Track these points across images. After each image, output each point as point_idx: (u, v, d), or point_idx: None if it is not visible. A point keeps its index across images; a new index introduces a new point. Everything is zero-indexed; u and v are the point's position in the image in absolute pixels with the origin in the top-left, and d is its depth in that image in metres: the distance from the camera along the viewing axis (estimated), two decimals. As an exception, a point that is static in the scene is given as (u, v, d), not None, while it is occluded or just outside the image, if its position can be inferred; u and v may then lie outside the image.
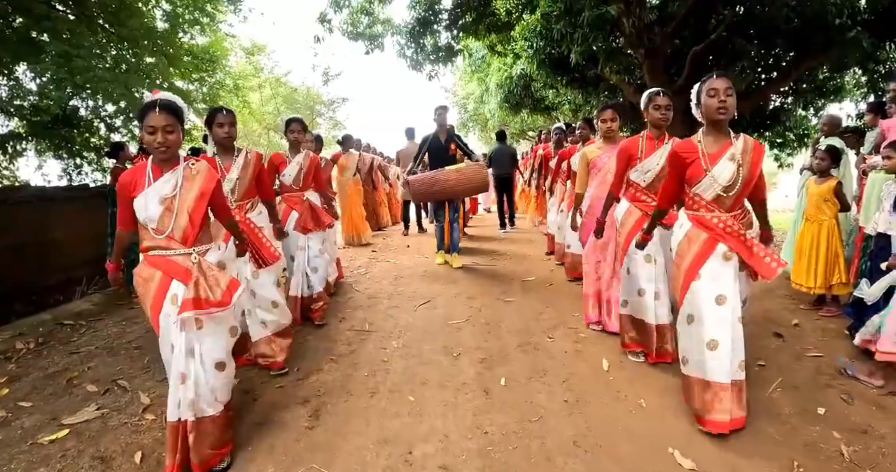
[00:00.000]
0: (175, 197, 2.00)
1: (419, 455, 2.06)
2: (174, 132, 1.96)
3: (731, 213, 2.21)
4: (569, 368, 2.85)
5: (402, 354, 3.14)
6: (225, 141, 2.85)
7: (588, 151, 3.53)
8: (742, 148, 2.15)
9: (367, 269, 5.58)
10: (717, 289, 2.16)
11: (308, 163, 3.82)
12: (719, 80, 2.12)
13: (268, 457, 2.10)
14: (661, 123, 2.84)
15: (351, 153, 7.20)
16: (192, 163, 2.11)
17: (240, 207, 2.91)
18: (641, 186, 2.90)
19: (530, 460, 2.02)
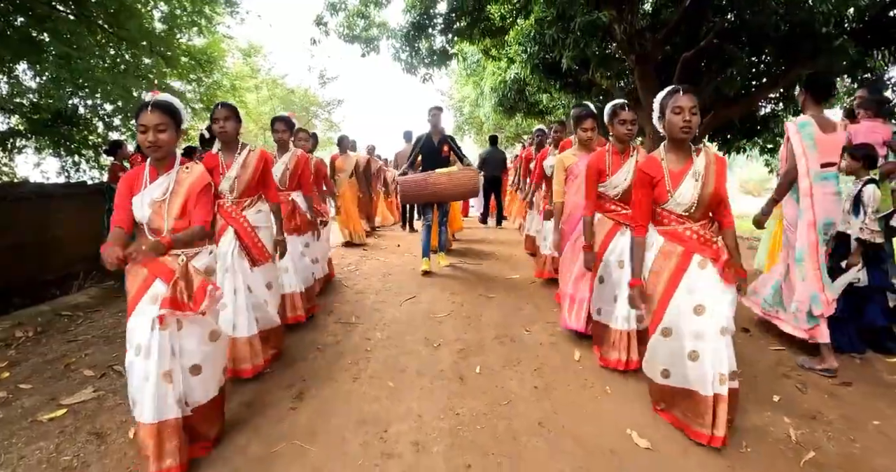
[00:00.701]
0: (164, 201, 2.03)
1: (394, 433, 2.23)
2: (166, 131, 1.98)
3: (700, 222, 2.20)
4: (542, 358, 3.02)
5: (385, 344, 3.31)
6: (221, 136, 2.86)
7: (564, 158, 3.50)
8: (704, 163, 2.16)
9: (357, 266, 5.75)
10: (694, 300, 2.14)
11: (294, 163, 3.77)
12: (685, 97, 2.09)
13: (253, 434, 2.26)
14: (626, 138, 2.86)
15: (348, 155, 7.33)
16: (188, 166, 2.12)
17: (237, 204, 2.88)
18: (611, 196, 2.92)
19: (497, 438, 2.19)
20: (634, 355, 2.77)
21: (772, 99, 9.37)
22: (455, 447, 2.11)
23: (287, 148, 3.81)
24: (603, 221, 2.95)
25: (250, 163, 2.90)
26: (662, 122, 2.20)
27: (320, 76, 13.09)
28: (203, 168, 2.16)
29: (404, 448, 2.12)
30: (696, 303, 2.13)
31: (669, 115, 2.13)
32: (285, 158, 3.77)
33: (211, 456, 2.10)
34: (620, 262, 2.84)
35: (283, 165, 3.75)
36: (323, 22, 8.87)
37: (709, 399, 2.05)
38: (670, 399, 2.27)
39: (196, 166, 2.15)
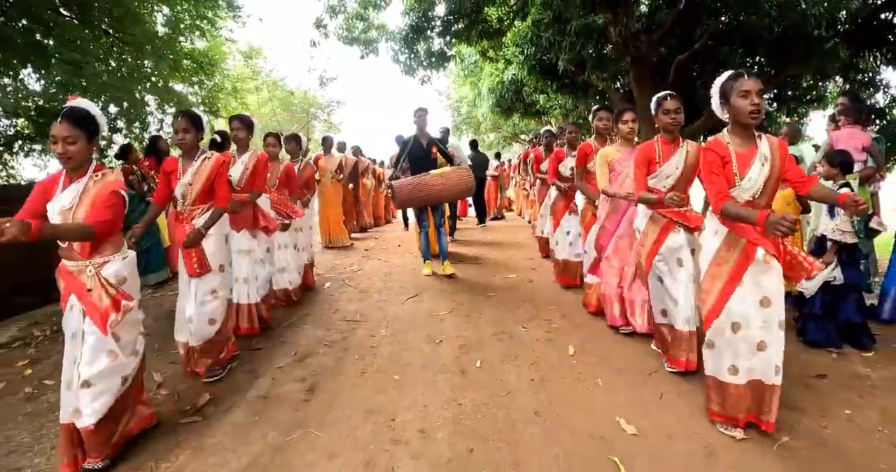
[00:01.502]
0: (71, 210, 2.03)
1: (401, 422, 2.43)
2: (76, 144, 1.98)
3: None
4: (538, 353, 3.22)
5: (390, 341, 3.51)
6: (180, 146, 2.91)
7: (608, 153, 3.48)
8: (769, 148, 2.15)
9: (360, 266, 5.95)
10: (761, 292, 2.14)
11: (254, 163, 3.70)
12: (751, 80, 2.04)
13: (269, 424, 2.45)
14: (672, 127, 2.83)
15: (332, 155, 7.48)
16: (101, 174, 2.10)
17: (189, 211, 2.91)
18: (662, 192, 2.84)
19: (496, 426, 2.38)
20: (694, 356, 2.78)
21: (765, 99, 9.56)
22: (458, 434, 2.31)
23: (247, 148, 3.77)
24: (656, 219, 2.90)
25: (204, 170, 2.89)
26: (726, 107, 2.14)
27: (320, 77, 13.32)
28: (115, 176, 2.13)
29: (411, 435, 2.31)
30: (762, 295, 2.14)
31: (736, 99, 2.08)
32: (244, 158, 3.72)
33: (232, 444, 2.29)
34: (679, 260, 2.80)
35: (242, 164, 3.69)
36: (322, 24, 9.05)
37: (770, 388, 2.18)
38: (735, 399, 2.25)
39: (109, 174, 2.12)
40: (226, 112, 8.09)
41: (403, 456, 2.16)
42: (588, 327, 3.65)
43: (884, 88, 8.76)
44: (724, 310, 2.20)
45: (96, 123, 2.09)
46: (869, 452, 2.12)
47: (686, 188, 2.90)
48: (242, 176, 3.67)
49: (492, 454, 2.16)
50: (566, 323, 3.76)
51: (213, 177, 2.89)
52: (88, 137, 2.04)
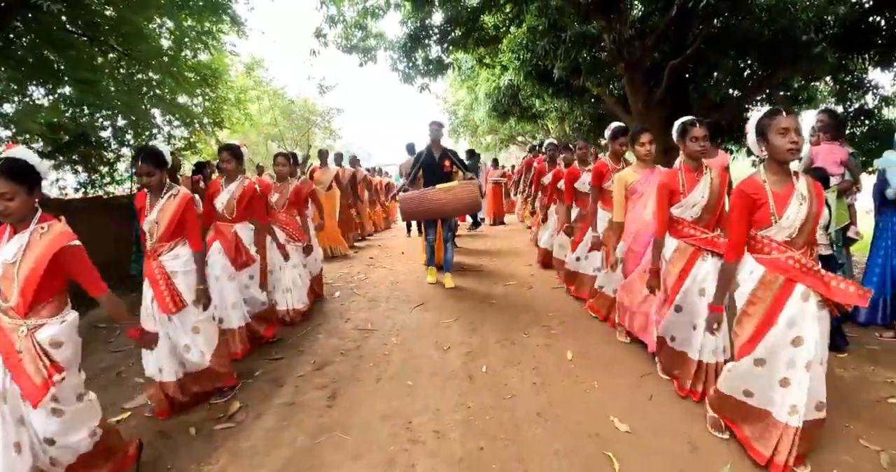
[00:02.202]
0: (14, 264, 1.89)
1: (416, 424, 2.72)
2: (14, 199, 1.85)
3: (801, 250, 2.14)
4: (539, 358, 3.51)
5: (401, 349, 3.80)
6: (146, 187, 2.87)
7: (626, 175, 3.45)
8: (806, 187, 2.12)
9: (367, 275, 6.24)
10: (794, 332, 2.11)
11: (241, 192, 3.70)
12: (789, 118, 2.02)
13: (297, 428, 2.74)
14: (699, 155, 2.79)
15: (328, 167, 7.73)
16: (45, 226, 1.95)
17: (155, 249, 2.86)
18: (687, 221, 2.85)
19: (502, 426, 2.67)
20: (702, 387, 2.80)
21: (758, 101, 9.83)
22: (468, 434, 2.60)
23: (235, 177, 3.75)
24: (682, 249, 2.86)
25: (168, 208, 2.83)
26: (763, 144, 2.11)
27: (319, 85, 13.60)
28: (62, 228, 1.98)
29: (427, 436, 2.60)
30: (794, 335, 2.11)
31: (773, 137, 2.05)
32: (231, 187, 3.72)
33: (265, 448, 2.57)
34: (702, 290, 2.75)
35: (229, 193, 3.71)
36: (322, 34, 9.31)
37: (781, 426, 2.12)
38: (743, 415, 2.31)
39: (55, 226, 1.97)
40: (229, 123, 8.34)
41: (421, 455, 2.44)
42: (584, 333, 3.94)
43: (872, 90, 8.99)
44: (757, 348, 2.18)
45: (36, 172, 1.94)
46: (835, 447, 2.40)
47: (714, 214, 2.87)
48: (229, 204, 3.70)
49: (499, 452, 2.45)
50: (564, 329, 4.06)
51: (177, 215, 2.83)
52: (29, 190, 1.89)
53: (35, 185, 1.93)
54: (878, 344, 3.60)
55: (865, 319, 3.89)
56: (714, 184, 2.82)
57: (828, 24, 7.11)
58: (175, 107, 7.24)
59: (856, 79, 8.92)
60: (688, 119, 2.84)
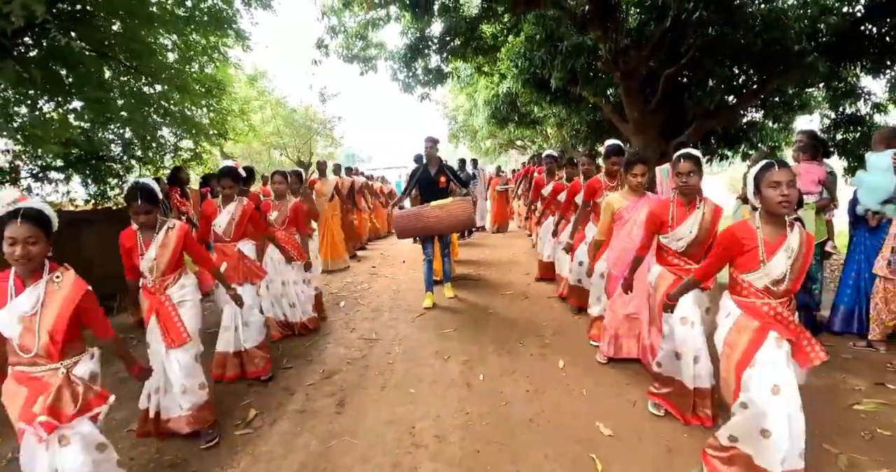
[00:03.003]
0: (35, 315, 1.95)
1: (419, 429, 3.01)
2: (37, 244, 1.91)
3: (780, 300, 2.21)
4: (532, 367, 3.81)
5: (403, 358, 4.10)
6: (141, 226, 2.85)
7: (613, 201, 3.57)
8: (798, 241, 2.17)
9: (370, 284, 6.55)
10: (772, 379, 2.15)
11: (240, 213, 3.85)
12: (782, 171, 2.08)
13: (310, 433, 3.03)
14: (686, 190, 2.87)
15: (327, 179, 7.96)
16: (58, 275, 2.04)
17: (160, 283, 2.90)
18: (673, 249, 2.94)
19: (498, 431, 2.97)
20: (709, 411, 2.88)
21: (753, 106, 10.08)
22: (467, 439, 2.89)
23: (232, 198, 3.87)
24: (664, 275, 2.97)
25: (169, 242, 2.88)
26: (758, 196, 2.19)
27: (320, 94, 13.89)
28: (75, 276, 2.08)
29: (429, 440, 2.89)
30: (773, 382, 2.15)
31: (766, 190, 2.13)
32: (230, 208, 3.85)
33: (282, 451, 2.86)
34: (682, 318, 2.83)
35: (228, 215, 3.84)
36: (324, 45, 9.60)
37: None
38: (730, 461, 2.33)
39: (67, 274, 2.08)
40: (233, 134, 8.63)
41: (424, 458, 2.74)
42: (575, 344, 4.24)
43: (864, 97, 9.24)
44: (740, 390, 2.24)
45: (51, 222, 2.03)
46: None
47: (702, 248, 2.93)
48: (229, 226, 3.82)
49: (495, 455, 2.74)
50: (556, 340, 4.36)
51: (179, 248, 2.91)
52: (47, 236, 1.98)
53: (50, 233, 2.01)
54: (850, 353, 3.88)
55: (841, 328, 4.18)
56: (705, 220, 2.86)
57: (821, 33, 7.33)
58: (181, 119, 7.53)
59: (848, 86, 9.14)
60: (681, 152, 2.88)
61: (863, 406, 3.10)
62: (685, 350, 2.83)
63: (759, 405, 2.16)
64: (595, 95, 9.54)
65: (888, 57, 7.37)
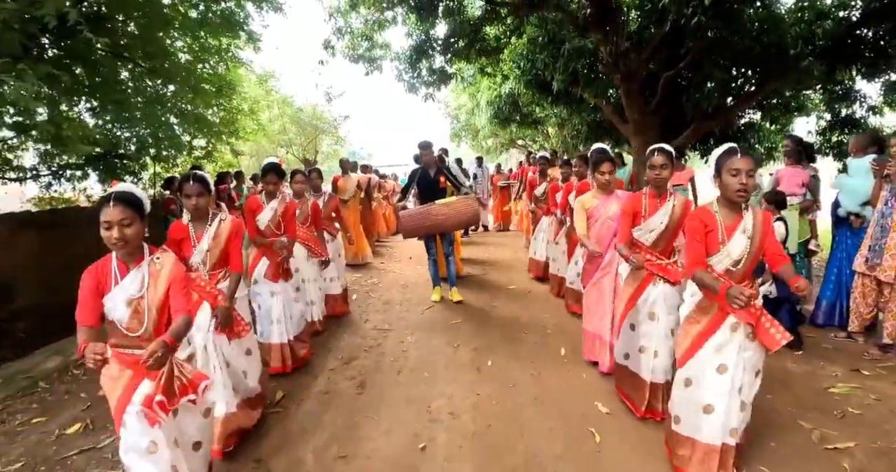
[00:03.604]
0: (143, 298, 2.01)
1: (434, 407, 3.37)
2: (132, 225, 1.94)
3: (742, 283, 2.29)
4: (536, 354, 4.17)
5: (416, 346, 4.47)
6: (194, 213, 2.91)
7: (585, 200, 3.74)
8: (752, 221, 2.27)
9: (379, 279, 6.92)
10: (719, 359, 2.29)
11: (284, 208, 3.94)
12: (743, 160, 2.16)
13: (335, 412, 3.38)
14: (658, 182, 2.99)
15: (349, 176, 8.28)
16: (157, 257, 2.11)
17: (211, 276, 2.93)
18: (645, 245, 3.05)
19: (506, 409, 3.32)
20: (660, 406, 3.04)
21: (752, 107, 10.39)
22: (478, 415, 3.25)
23: (275, 194, 3.96)
24: (635, 275, 3.11)
25: (222, 233, 2.92)
26: (717, 181, 2.30)
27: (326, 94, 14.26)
28: (174, 256, 2.16)
29: (444, 417, 3.25)
30: (720, 362, 2.29)
31: (726, 176, 2.22)
32: (274, 204, 3.94)
33: (311, 427, 3.21)
34: (651, 314, 3.00)
35: (272, 210, 3.93)
36: (330, 45, 9.94)
37: (714, 449, 2.34)
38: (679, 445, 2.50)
39: (166, 255, 2.15)
40: (243, 132, 8.96)
41: (440, 431, 3.09)
42: (574, 333, 4.55)
43: (860, 100, 9.54)
44: (685, 365, 2.41)
45: (143, 204, 2.07)
46: (776, 425, 3.05)
47: (671, 242, 3.08)
48: (272, 221, 3.91)
49: (504, 429, 3.09)
50: (557, 330, 4.73)
51: (231, 238, 2.95)
52: (141, 219, 2.02)
53: (144, 216, 2.05)
54: (831, 344, 4.23)
55: (823, 321, 4.54)
56: (675, 212, 2.99)
57: (817, 37, 7.46)
58: (194, 118, 7.86)
59: (844, 89, 9.43)
60: (651, 148, 3.06)
61: (837, 389, 3.45)
62: (648, 344, 3.02)
63: (704, 383, 2.32)
64: (596, 96, 9.84)
65: (883, 61, 7.62)
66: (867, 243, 4.02)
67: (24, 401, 3.82)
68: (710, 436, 2.34)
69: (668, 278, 2.98)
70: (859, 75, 8.42)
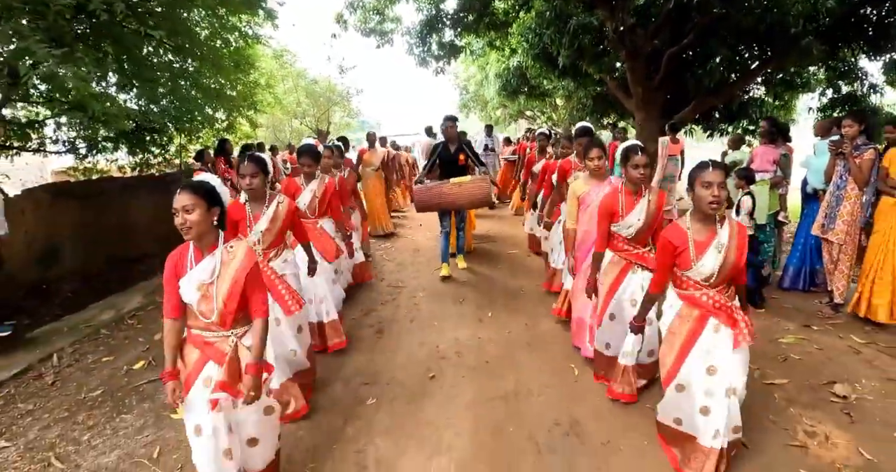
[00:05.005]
0: (213, 284, 2.09)
1: (442, 348, 4.11)
2: (193, 212, 2.01)
3: (716, 288, 2.39)
4: (530, 309, 4.90)
5: (427, 301, 5.22)
6: (249, 193, 3.01)
7: (577, 188, 3.78)
8: (728, 235, 2.33)
9: (392, 244, 7.69)
10: (708, 360, 2.38)
11: (322, 190, 4.00)
12: (714, 172, 2.23)
13: (358, 353, 4.11)
14: (639, 181, 3.06)
15: (376, 149, 8.76)
16: (231, 245, 2.16)
17: (264, 255, 3.07)
18: (623, 235, 3.17)
19: (503, 349, 4.05)
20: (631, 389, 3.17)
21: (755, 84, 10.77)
22: (480, 354, 3.99)
23: (314, 176, 4.03)
24: (615, 261, 3.23)
25: (279, 216, 3.06)
26: (691, 193, 2.36)
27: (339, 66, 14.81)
28: (247, 247, 2.20)
29: (451, 355, 3.99)
30: (709, 364, 2.38)
31: (698, 188, 2.28)
32: (313, 186, 3.99)
33: (338, 363, 3.95)
34: (633, 300, 3.12)
35: (311, 192, 3.98)
36: (343, 20, 10.44)
37: (707, 450, 2.39)
38: (676, 440, 2.62)
39: (240, 244, 2.19)
40: (261, 105, 9.55)
41: (447, 366, 3.83)
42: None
43: (861, 78, 9.80)
44: (678, 372, 2.47)
45: (217, 194, 2.12)
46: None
47: (647, 235, 3.20)
48: (312, 203, 3.99)
49: (499, 364, 3.82)
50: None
51: (289, 222, 3.13)
52: (208, 207, 2.06)
53: (214, 204, 2.09)
54: (791, 304, 4.83)
55: (789, 285, 5.19)
56: (651, 207, 3.09)
57: (820, 14, 7.68)
58: (216, 93, 8.45)
59: (846, 66, 9.58)
60: (629, 146, 3.12)
61: (785, 339, 4.12)
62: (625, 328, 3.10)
63: (697, 386, 2.41)
64: (601, 71, 10.29)
65: (884, 40, 7.89)
66: (823, 210, 4.60)
67: (90, 344, 4.58)
68: (708, 438, 2.39)
69: (647, 265, 3.14)
70: (861, 53, 8.69)
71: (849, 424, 2.93)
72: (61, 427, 3.24)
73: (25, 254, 5.84)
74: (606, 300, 3.26)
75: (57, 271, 6.24)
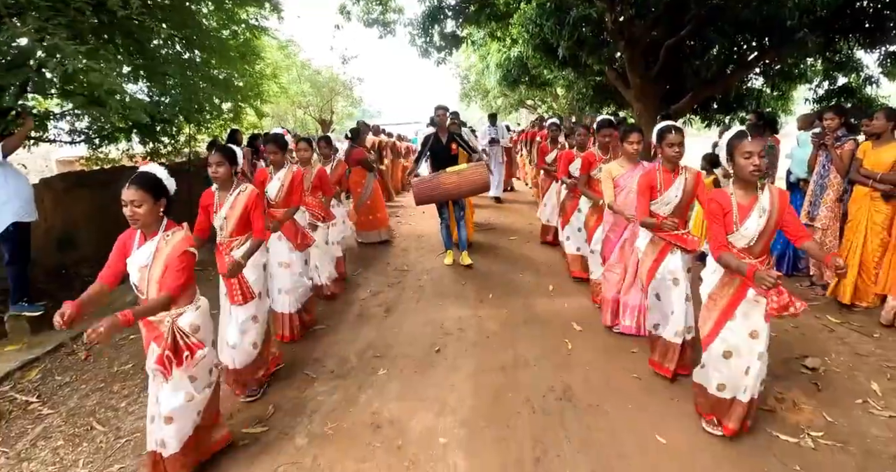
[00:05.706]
0: (147, 267, 2.27)
1: (446, 325, 4.44)
2: (142, 206, 2.19)
3: (758, 258, 2.49)
4: (527, 288, 5.23)
5: (431, 283, 5.54)
6: (215, 180, 3.15)
7: (612, 169, 3.91)
8: (769, 200, 2.43)
9: (396, 230, 8.03)
10: (750, 326, 2.51)
11: (290, 179, 4.05)
12: (753, 142, 2.35)
13: (368, 329, 4.45)
14: (675, 159, 3.19)
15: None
16: (171, 233, 2.33)
17: (227, 243, 3.22)
18: (662, 214, 3.26)
19: (502, 326, 4.37)
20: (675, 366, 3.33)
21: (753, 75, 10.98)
22: (480, 330, 4.32)
23: (282, 165, 4.10)
24: (655, 242, 3.33)
25: (239, 203, 3.14)
26: (731, 164, 2.47)
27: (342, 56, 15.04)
28: (184, 234, 2.35)
29: (454, 331, 4.33)
30: (751, 328, 2.52)
31: (739, 158, 2.40)
32: (280, 174, 4.08)
33: (351, 336, 4.29)
34: (675, 280, 3.25)
35: (279, 181, 4.06)
36: (346, 10, 10.69)
37: (743, 404, 2.63)
38: (717, 407, 2.75)
39: (177, 233, 2.34)
40: (266, 95, 9.82)
41: (451, 341, 4.16)
42: (562, 274, 5.63)
43: (858, 69, 9.82)
44: (718, 338, 2.61)
45: (163, 186, 2.30)
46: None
47: (684, 213, 3.33)
48: (279, 193, 4.06)
49: (499, 339, 4.15)
50: (547, 271, 5.80)
51: (248, 210, 3.16)
52: (155, 199, 2.25)
53: (161, 196, 2.30)
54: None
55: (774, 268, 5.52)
56: (688, 184, 3.23)
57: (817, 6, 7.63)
58: (224, 84, 8.72)
59: (843, 58, 9.68)
60: (665, 126, 3.23)
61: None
62: (677, 308, 3.26)
63: (742, 350, 2.56)
64: (600, 62, 10.52)
65: (881, 32, 8.05)
66: (808, 199, 4.92)
67: (116, 323, 4.93)
68: (745, 394, 2.61)
69: (685, 246, 3.23)
70: (857, 46, 8.85)
71: (816, 392, 3.24)
72: (99, 396, 3.58)
73: (44, 240, 6.16)
74: (648, 281, 3.40)
75: (74, 257, 6.56)
